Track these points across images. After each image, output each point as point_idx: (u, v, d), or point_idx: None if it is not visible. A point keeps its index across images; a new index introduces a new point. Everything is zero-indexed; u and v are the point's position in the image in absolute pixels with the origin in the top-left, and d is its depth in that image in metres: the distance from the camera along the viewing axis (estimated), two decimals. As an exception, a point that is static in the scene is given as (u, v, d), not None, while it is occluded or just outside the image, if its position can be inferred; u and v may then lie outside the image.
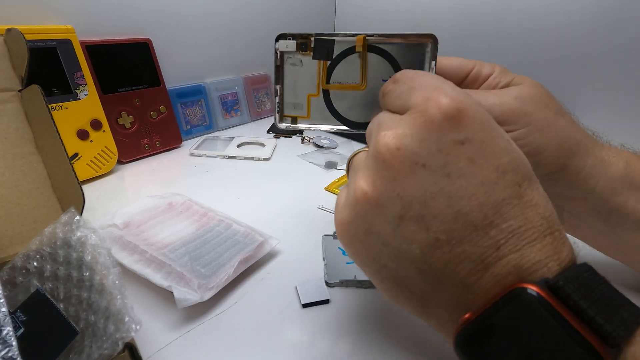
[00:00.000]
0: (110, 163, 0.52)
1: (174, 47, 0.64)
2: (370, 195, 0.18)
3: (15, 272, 0.24)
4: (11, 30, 0.34)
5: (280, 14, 0.80)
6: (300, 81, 0.27)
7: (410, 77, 0.20)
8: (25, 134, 0.32)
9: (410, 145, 0.17)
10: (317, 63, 0.27)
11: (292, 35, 0.27)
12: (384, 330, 0.27)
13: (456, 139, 0.16)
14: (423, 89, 0.18)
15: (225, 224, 0.37)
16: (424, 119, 0.17)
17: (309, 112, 0.27)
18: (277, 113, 0.28)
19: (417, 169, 0.17)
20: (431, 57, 0.25)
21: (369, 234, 0.18)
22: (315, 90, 0.27)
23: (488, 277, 0.16)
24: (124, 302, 0.22)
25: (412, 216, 0.17)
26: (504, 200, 0.16)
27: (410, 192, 0.17)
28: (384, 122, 0.19)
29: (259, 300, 0.30)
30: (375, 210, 0.18)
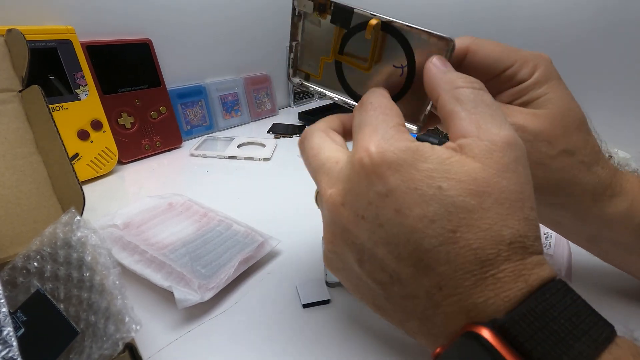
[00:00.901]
0: (110, 163, 0.52)
1: (175, 48, 0.64)
2: (333, 243, 0.20)
3: (15, 272, 0.24)
4: (12, 30, 0.34)
5: (281, 14, 0.80)
6: (316, 41, 0.27)
7: (365, 110, 0.21)
8: (26, 134, 0.33)
9: (351, 200, 0.18)
10: (334, 28, 0.26)
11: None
12: (384, 330, 0.27)
13: (380, 192, 0.17)
14: (364, 130, 0.19)
15: (225, 224, 0.37)
16: (355, 172, 0.18)
17: (321, 72, 0.27)
18: (291, 68, 0.28)
19: (359, 220, 0.18)
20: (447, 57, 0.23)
21: (343, 270, 0.21)
22: (329, 55, 0.26)
23: (440, 315, 0.17)
24: (124, 302, 0.22)
25: (367, 259, 0.18)
26: (436, 247, 0.16)
27: (359, 240, 0.18)
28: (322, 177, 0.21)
29: (260, 300, 0.30)
30: (340, 255, 0.20)
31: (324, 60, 0.27)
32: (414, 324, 0.18)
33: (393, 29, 0.24)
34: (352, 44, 0.25)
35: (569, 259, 0.32)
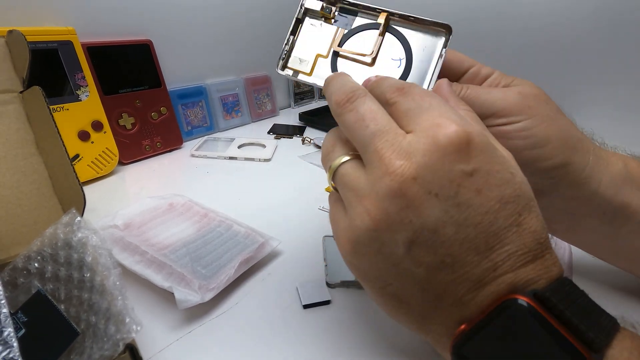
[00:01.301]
0: (111, 164, 0.52)
1: (175, 48, 0.64)
2: (384, 221, 0.18)
3: (16, 273, 0.24)
4: (13, 32, 0.34)
5: (281, 15, 0.80)
6: (313, 40, 0.28)
7: (419, 95, 0.20)
8: (27, 135, 0.33)
9: (426, 176, 0.17)
10: (335, 29, 0.27)
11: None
12: (384, 331, 0.27)
13: (466, 170, 0.17)
14: (432, 111, 0.19)
15: (226, 224, 0.37)
16: (436, 148, 0.17)
17: (312, 70, 0.27)
18: (281, 60, 0.28)
19: (429, 198, 0.17)
20: (443, 44, 0.26)
21: (378, 254, 0.19)
22: (325, 53, 0.27)
23: (484, 295, 0.17)
24: (124, 303, 0.22)
25: (422, 241, 0.18)
26: (505, 228, 0.17)
27: (422, 219, 0.17)
28: (391, 139, 0.19)
29: (260, 301, 0.30)
30: (387, 234, 0.18)
31: (318, 57, 0.27)
32: (442, 312, 0.18)
33: (392, 28, 0.26)
34: (349, 42, 0.27)
35: (570, 258, 0.32)
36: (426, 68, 0.26)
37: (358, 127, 0.20)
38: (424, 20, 0.26)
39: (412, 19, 0.26)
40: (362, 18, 0.27)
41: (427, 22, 0.26)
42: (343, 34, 0.27)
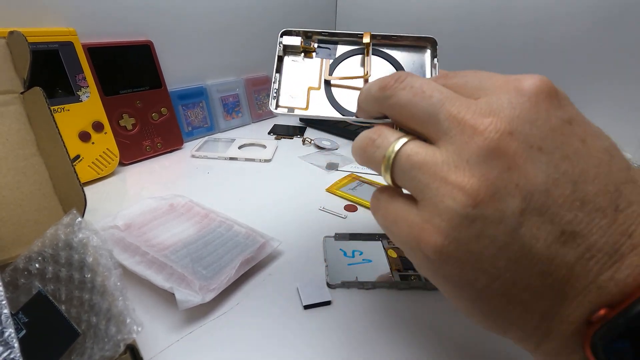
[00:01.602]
0: (111, 165, 0.52)
1: (175, 49, 0.64)
2: (486, 191, 0.15)
3: (17, 273, 0.24)
4: (13, 32, 0.34)
5: (281, 15, 0.80)
6: (301, 75, 0.27)
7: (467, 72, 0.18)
8: (27, 136, 0.33)
9: (523, 128, 0.15)
10: (320, 60, 0.27)
11: (297, 33, 0.28)
12: (385, 331, 0.27)
13: (564, 118, 0.15)
14: (495, 77, 0.17)
15: (226, 225, 0.37)
16: (526, 98, 0.15)
17: (307, 104, 0.27)
18: (273, 99, 0.28)
19: (533, 153, 0.15)
20: (432, 56, 0.25)
21: (480, 240, 0.15)
22: (317, 85, 0.27)
23: (625, 270, 0.14)
24: (125, 303, 0.22)
25: (534, 208, 0.14)
26: (622, 183, 0.14)
27: (530, 180, 0.14)
28: (464, 103, 0.16)
29: (261, 301, 0.30)
30: (489, 208, 0.15)
31: (310, 90, 0.27)
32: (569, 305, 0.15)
33: (375, 49, 0.26)
34: (337, 71, 0.27)
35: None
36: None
37: (419, 100, 0.17)
38: (405, 37, 0.26)
39: (394, 38, 0.26)
40: (344, 45, 0.27)
41: (409, 38, 0.26)
42: (329, 65, 0.27)
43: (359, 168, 0.56)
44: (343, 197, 0.47)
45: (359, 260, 0.34)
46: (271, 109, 0.27)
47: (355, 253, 0.35)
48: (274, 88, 0.27)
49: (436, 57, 0.25)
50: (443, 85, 0.18)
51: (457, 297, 0.17)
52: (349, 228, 0.39)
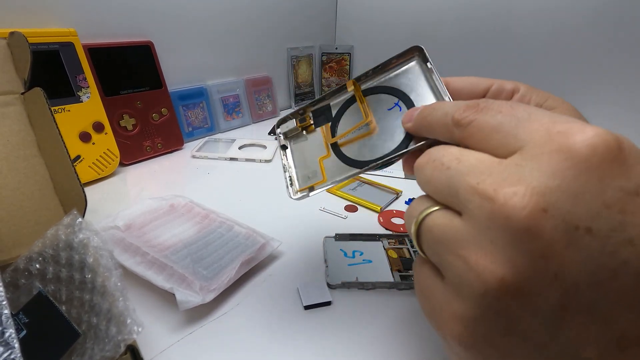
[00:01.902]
0: (112, 165, 0.52)
1: (176, 50, 0.64)
2: (512, 281, 0.12)
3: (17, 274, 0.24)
4: (14, 33, 0.34)
5: (281, 16, 0.80)
6: (308, 151, 0.27)
7: (505, 106, 0.15)
8: (28, 136, 0.33)
9: (563, 203, 0.12)
10: (320, 129, 0.27)
11: (291, 116, 0.28)
12: (385, 331, 0.27)
13: (627, 189, 0.12)
14: (538, 118, 0.14)
15: (227, 225, 0.37)
16: (572, 162, 0.12)
17: (324, 175, 0.26)
18: (290, 187, 0.27)
19: (579, 236, 0.12)
20: (423, 62, 0.24)
21: (509, 335, 0.13)
22: (326, 152, 0.26)
23: None
24: (125, 304, 0.22)
25: (581, 306, 0.12)
26: None
27: (574, 270, 0.12)
28: (485, 169, 0.14)
29: (261, 302, 0.30)
30: (519, 300, 0.12)
31: (322, 160, 0.26)
32: None
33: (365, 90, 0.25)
34: (340, 128, 0.26)
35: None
36: (426, 91, 0.23)
37: (438, 174, 0.16)
38: (388, 62, 0.25)
39: (378, 69, 0.25)
40: (336, 101, 0.27)
41: (392, 60, 0.24)
42: (330, 127, 0.26)
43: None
44: (343, 197, 0.47)
45: (359, 261, 0.34)
46: (292, 197, 0.26)
47: (355, 253, 0.35)
48: (287, 177, 0.27)
49: (428, 61, 0.23)
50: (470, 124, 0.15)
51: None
52: (349, 228, 0.39)
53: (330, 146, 0.26)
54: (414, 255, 0.35)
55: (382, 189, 0.49)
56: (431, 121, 0.18)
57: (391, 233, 0.39)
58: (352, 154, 0.25)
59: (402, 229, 0.40)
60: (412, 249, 0.36)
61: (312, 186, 0.26)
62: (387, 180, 0.52)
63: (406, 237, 0.38)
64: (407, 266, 0.33)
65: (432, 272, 0.16)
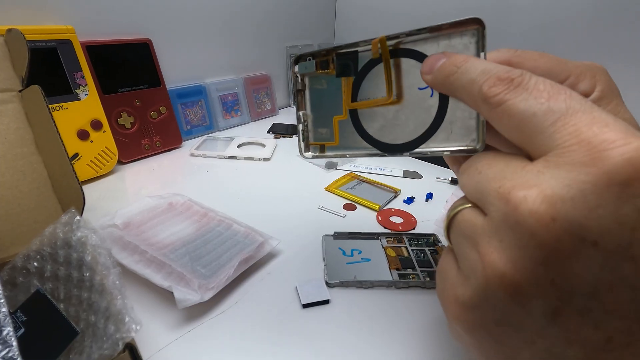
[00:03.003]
0: (110, 163, 0.52)
1: (174, 48, 0.64)
2: (510, 280, 0.13)
3: (15, 272, 0.24)
4: (12, 30, 0.34)
5: (281, 14, 0.80)
6: (325, 104, 0.24)
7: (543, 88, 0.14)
8: (26, 134, 0.33)
9: (574, 215, 0.12)
10: (342, 81, 0.23)
11: (311, 55, 0.24)
12: (383, 330, 0.27)
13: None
14: (576, 116, 0.13)
15: (225, 224, 0.37)
16: (593, 176, 0.12)
17: (336, 137, 0.23)
18: (302, 142, 0.25)
19: (583, 248, 0.12)
20: (478, 49, 0.19)
21: (503, 326, 0.14)
22: (342, 112, 0.24)
23: None
24: (124, 302, 0.22)
25: (573, 311, 0.13)
26: None
27: (572, 279, 0.12)
28: (509, 174, 0.14)
29: (259, 300, 0.30)
30: (515, 298, 0.13)
31: (337, 120, 0.24)
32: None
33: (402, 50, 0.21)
34: (364, 89, 0.23)
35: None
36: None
37: (470, 177, 0.16)
38: (438, 26, 0.20)
39: (422, 31, 0.20)
40: (365, 54, 0.22)
41: (444, 26, 0.20)
42: (352, 83, 0.23)
43: (358, 167, 0.56)
44: (342, 196, 0.47)
45: (358, 259, 0.34)
46: (303, 155, 0.24)
47: (354, 252, 0.35)
48: (301, 130, 0.24)
49: (484, 52, 0.19)
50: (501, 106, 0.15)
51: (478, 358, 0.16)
52: (347, 227, 0.39)
53: (348, 110, 0.23)
54: (412, 254, 0.35)
55: (381, 187, 0.49)
56: (454, 83, 0.17)
57: (390, 232, 0.39)
58: (371, 128, 0.22)
59: (400, 228, 0.40)
60: (411, 247, 0.36)
61: (324, 145, 0.24)
62: (385, 179, 0.52)
63: (404, 235, 0.38)
64: (405, 265, 0.33)
65: (452, 260, 0.17)
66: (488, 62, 0.17)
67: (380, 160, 0.58)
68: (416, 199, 0.47)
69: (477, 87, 0.16)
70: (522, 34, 0.66)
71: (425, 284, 0.31)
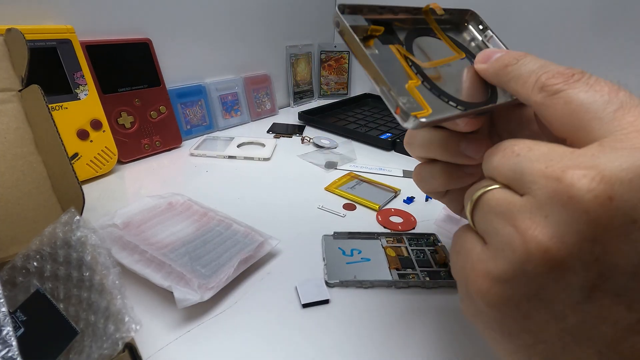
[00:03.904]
0: (110, 163, 0.52)
1: (174, 47, 0.64)
2: (555, 254, 0.13)
3: (15, 272, 0.24)
4: (11, 30, 0.34)
5: (280, 14, 0.80)
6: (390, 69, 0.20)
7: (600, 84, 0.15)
8: (26, 134, 0.32)
9: (630, 196, 0.12)
10: (391, 47, 0.21)
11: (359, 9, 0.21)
12: (383, 330, 0.27)
13: None
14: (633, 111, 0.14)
15: (225, 224, 0.37)
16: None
17: (424, 104, 0.19)
18: (402, 114, 0.18)
19: (633, 230, 0.12)
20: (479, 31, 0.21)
21: (534, 300, 0.14)
22: (413, 77, 0.20)
23: None
24: (124, 302, 0.22)
25: (610, 289, 0.13)
26: None
27: (615, 258, 0.13)
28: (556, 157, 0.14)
29: (259, 300, 0.30)
30: (556, 273, 0.13)
31: (413, 86, 0.20)
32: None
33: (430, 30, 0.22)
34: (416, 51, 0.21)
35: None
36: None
37: (506, 159, 0.16)
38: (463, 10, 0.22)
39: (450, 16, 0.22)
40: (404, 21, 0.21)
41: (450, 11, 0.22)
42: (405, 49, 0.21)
43: (357, 167, 0.56)
44: (342, 195, 0.47)
45: (358, 259, 0.34)
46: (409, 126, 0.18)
47: (353, 252, 0.35)
48: (389, 93, 0.18)
49: (488, 29, 0.21)
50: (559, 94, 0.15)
51: (498, 344, 0.16)
52: (347, 227, 0.39)
53: (418, 72, 0.20)
54: (412, 253, 0.35)
55: (381, 187, 0.49)
56: (512, 72, 0.17)
57: (389, 231, 0.39)
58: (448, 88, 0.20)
59: (400, 228, 0.40)
60: (410, 247, 0.36)
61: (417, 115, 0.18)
62: (385, 179, 0.52)
63: (404, 235, 0.38)
64: (405, 264, 0.33)
65: (475, 238, 0.17)
66: (546, 61, 0.17)
67: (380, 160, 0.58)
68: (416, 198, 0.47)
69: (534, 77, 0.16)
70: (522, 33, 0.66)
71: (425, 283, 0.31)
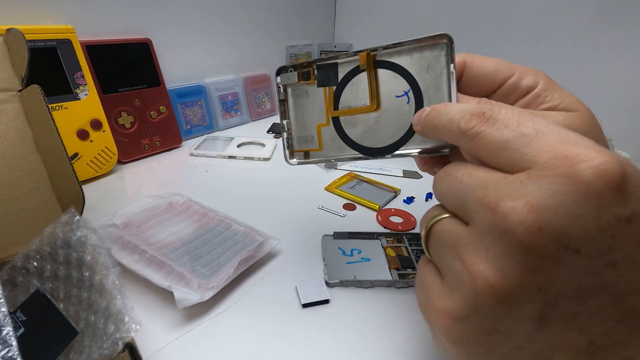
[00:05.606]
0: (110, 163, 0.52)
1: (174, 47, 0.64)
2: (500, 288, 0.13)
3: (15, 272, 0.24)
4: (11, 30, 0.34)
5: (280, 13, 0.80)
6: (307, 112, 0.26)
7: (512, 118, 0.15)
8: (25, 134, 0.32)
9: (558, 223, 0.13)
10: (323, 90, 0.25)
11: (292, 67, 0.26)
12: (383, 330, 0.27)
13: (622, 216, 0.12)
14: (546, 138, 0.14)
15: (225, 224, 0.37)
16: (574, 187, 0.13)
17: (320, 143, 0.25)
18: (287, 149, 0.27)
19: (567, 255, 0.13)
20: (448, 60, 0.21)
21: (492, 334, 0.14)
22: (325, 120, 0.25)
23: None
24: (124, 302, 0.22)
25: (558, 316, 0.13)
26: None
27: (558, 285, 0.13)
28: (492, 184, 0.15)
29: (259, 300, 0.30)
30: (505, 306, 0.13)
31: (320, 127, 0.26)
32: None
33: (378, 62, 0.24)
34: (344, 97, 0.25)
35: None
36: (441, 92, 0.22)
37: (451, 185, 0.17)
38: (411, 41, 0.22)
39: (398, 45, 0.23)
40: (344, 63, 0.24)
41: (416, 40, 0.22)
42: (334, 91, 0.25)
43: (358, 167, 0.56)
44: (342, 195, 0.47)
45: (358, 259, 0.34)
46: (288, 162, 0.26)
47: (353, 252, 0.35)
48: (285, 138, 0.27)
49: (453, 63, 0.21)
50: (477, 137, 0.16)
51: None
52: (347, 227, 0.39)
53: (331, 117, 0.25)
54: (412, 253, 0.35)
55: (381, 187, 0.49)
56: (437, 125, 0.19)
57: (389, 231, 0.39)
58: (353, 134, 0.24)
59: (400, 228, 0.40)
60: (410, 247, 0.36)
61: (308, 152, 0.26)
62: (385, 179, 0.52)
63: (404, 235, 0.38)
64: (405, 264, 0.33)
65: (433, 271, 0.17)
66: (463, 104, 0.19)
67: (380, 160, 0.58)
68: (416, 198, 0.47)
69: (455, 125, 0.17)
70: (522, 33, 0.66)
71: (425, 283, 0.31)
